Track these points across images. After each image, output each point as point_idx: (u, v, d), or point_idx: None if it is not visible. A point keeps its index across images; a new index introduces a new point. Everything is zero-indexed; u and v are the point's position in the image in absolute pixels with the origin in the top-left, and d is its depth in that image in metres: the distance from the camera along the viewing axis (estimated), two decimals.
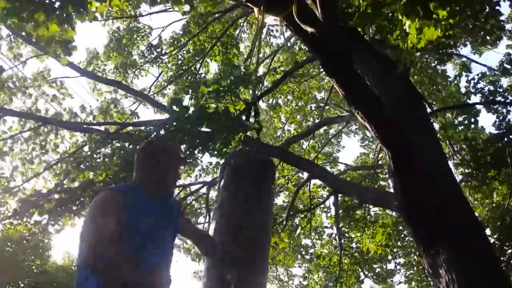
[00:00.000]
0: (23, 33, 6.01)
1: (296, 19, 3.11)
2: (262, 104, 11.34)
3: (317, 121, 10.96)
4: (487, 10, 4.02)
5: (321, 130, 11.49)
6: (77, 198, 6.08)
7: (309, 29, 3.18)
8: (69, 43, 4.07)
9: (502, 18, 5.74)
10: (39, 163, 8.04)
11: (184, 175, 9.36)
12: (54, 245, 16.92)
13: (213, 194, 9.12)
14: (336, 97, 10.41)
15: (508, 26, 8.31)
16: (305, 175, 9.51)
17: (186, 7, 4.20)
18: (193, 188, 9.62)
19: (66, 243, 46.41)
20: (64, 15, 3.59)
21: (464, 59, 9.04)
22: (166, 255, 2.05)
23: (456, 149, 9.08)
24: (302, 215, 10.35)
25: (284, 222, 9.50)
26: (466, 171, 6.96)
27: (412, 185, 3.93)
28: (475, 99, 7.36)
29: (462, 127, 6.91)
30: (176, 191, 9.89)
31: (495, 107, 7.01)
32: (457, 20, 3.51)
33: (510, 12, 7.47)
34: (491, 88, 7.17)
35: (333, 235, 10.76)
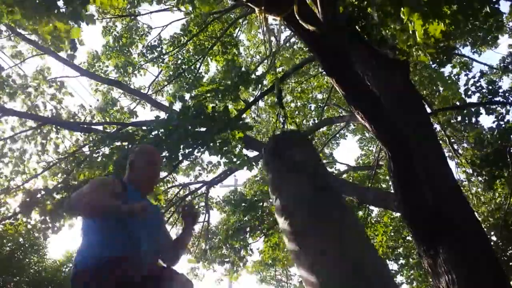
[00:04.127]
0: (23, 31, 5.95)
1: (298, 18, 3.10)
2: (261, 104, 11.34)
3: (317, 121, 10.95)
4: (486, 10, 4.00)
5: (321, 130, 11.47)
6: None
7: (310, 29, 3.17)
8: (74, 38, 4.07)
9: (502, 17, 5.71)
10: (38, 163, 8.02)
11: (184, 174, 9.37)
12: (50, 242, 16.87)
13: (212, 193, 9.14)
14: (336, 97, 10.39)
15: (508, 25, 8.29)
16: None
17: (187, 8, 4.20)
18: (192, 187, 9.63)
19: (62, 240, 46.51)
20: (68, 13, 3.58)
21: (464, 58, 9.02)
22: (154, 245, 2.22)
23: (456, 148, 9.06)
24: None
25: None
26: (471, 170, 6.95)
27: (412, 185, 3.92)
28: (475, 98, 7.34)
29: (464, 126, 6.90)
30: (176, 189, 9.91)
31: (493, 107, 6.99)
32: (457, 17, 3.51)
33: (510, 9, 7.42)
34: (490, 87, 7.14)
35: None
